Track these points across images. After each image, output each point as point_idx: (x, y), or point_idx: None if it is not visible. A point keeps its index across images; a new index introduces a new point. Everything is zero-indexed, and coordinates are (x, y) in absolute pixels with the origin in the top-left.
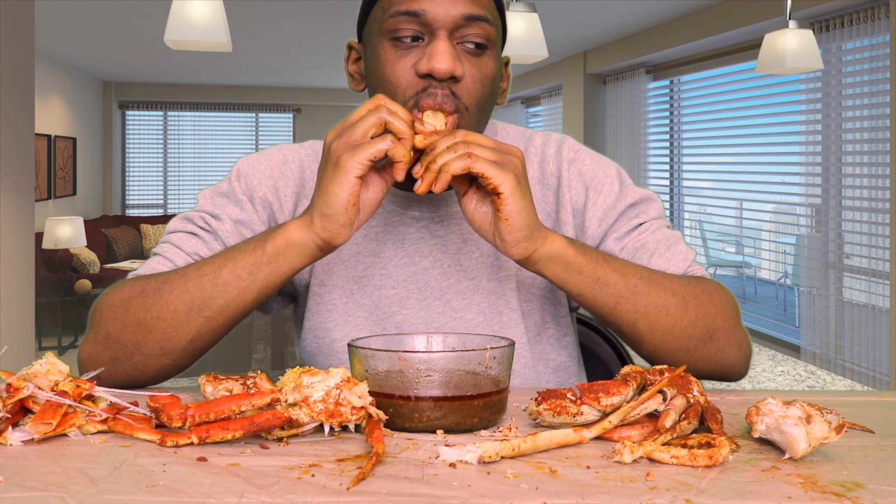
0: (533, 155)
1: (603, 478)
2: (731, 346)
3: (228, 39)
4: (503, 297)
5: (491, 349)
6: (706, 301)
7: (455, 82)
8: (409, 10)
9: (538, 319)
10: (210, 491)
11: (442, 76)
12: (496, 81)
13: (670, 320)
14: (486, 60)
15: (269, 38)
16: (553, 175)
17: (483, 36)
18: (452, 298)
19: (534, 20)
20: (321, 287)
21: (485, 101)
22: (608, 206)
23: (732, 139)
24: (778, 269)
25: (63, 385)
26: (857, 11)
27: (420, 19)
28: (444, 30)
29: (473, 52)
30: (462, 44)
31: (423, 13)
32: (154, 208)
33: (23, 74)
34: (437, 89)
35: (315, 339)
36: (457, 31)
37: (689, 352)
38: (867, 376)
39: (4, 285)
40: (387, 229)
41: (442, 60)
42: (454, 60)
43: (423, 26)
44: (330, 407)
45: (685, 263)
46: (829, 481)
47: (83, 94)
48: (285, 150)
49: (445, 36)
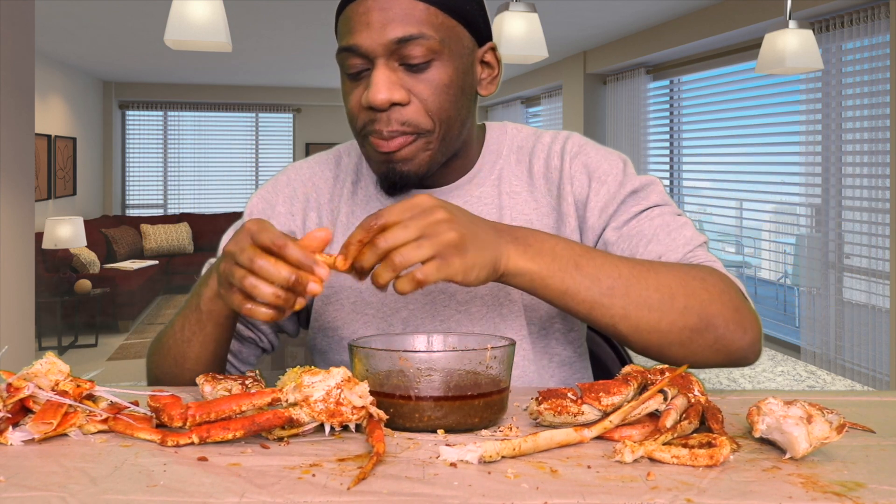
0: (540, 151)
1: (604, 477)
2: (733, 331)
3: (228, 39)
4: (505, 290)
5: (491, 349)
6: (698, 288)
7: (402, 107)
8: (346, 46)
9: (544, 314)
10: (211, 491)
11: (380, 108)
12: (456, 85)
13: (655, 316)
14: (435, 72)
15: (269, 38)
16: (556, 169)
17: (422, 53)
18: (457, 292)
19: (534, 20)
20: (329, 289)
21: (448, 110)
22: (609, 197)
23: (732, 139)
24: (778, 269)
25: (63, 385)
26: (857, 11)
27: (358, 52)
28: (381, 58)
29: (418, 68)
30: (404, 64)
31: (358, 47)
32: (154, 208)
33: (23, 74)
34: (379, 124)
35: (325, 339)
36: (393, 55)
37: (683, 345)
38: (867, 376)
39: (4, 285)
40: None
41: (376, 94)
42: (390, 89)
43: (363, 58)
44: (331, 406)
45: (685, 248)
46: (829, 481)
47: (83, 94)
48: (290, 170)
49: (383, 64)
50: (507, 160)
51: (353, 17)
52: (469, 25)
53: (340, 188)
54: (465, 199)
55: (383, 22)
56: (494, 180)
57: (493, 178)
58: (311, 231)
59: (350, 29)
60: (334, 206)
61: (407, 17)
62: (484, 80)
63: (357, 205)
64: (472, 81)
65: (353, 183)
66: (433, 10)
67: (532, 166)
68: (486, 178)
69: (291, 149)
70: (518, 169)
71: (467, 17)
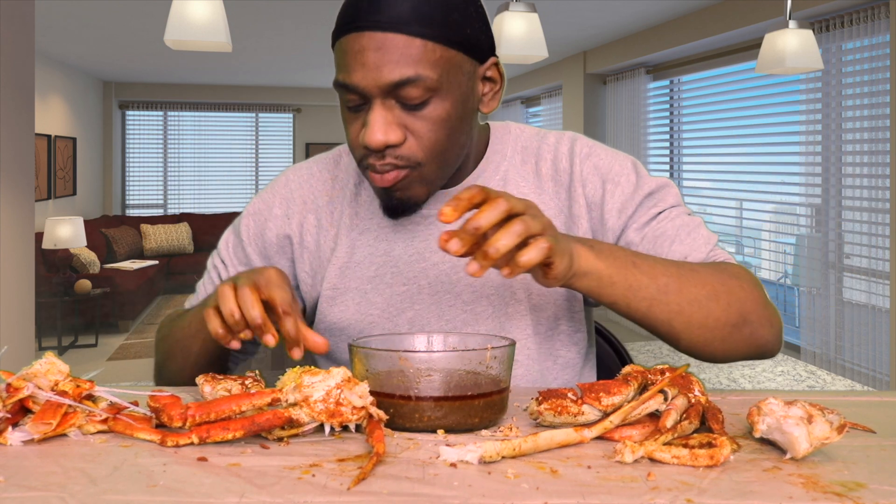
0: (546, 153)
1: (604, 478)
2: (764, 325)
3: (228, 39)
4: (511, 290)
5: (491, 349)
6: (736, 286)
7: (396, 147)
8: (343, 83)
9: (551, 315)
10: (210, 491)
11: (376, 150)
12: (455, 117)
13: (704, 312)
14: (432, 108)
15: (269, 38)
16: (565, 172)
17: (420, 94)
18: (462, 291)
19: (534, 20)
20: (334, 290)
21: (443, 143)
22: (626, 197)
23: (732, 139)
24: (778, 269)
25: (63, 385)
26: (857, 11)
27: (354, 90)
28: (377, 98)
29: (415, 107)
30: (401, 102)
31: (354, 86)
32: (154, 208)
33: (23, 74)
34: (374, 160)
35: (329, 338)
36: (389, 94)
37: (724, 340)
38: (867, 376)
39: (4, 285)
40: (396, 228)
41: (372, 136)
42: (386, 131)
43: (360, 95)
44: (330, 407)
45: (707, 248)
46: (830, 481)
47: (83, 94)
48: (289, 172)
49: (380, 104)
50: (513, 161)
51: (349, 52)
52: (470, 49)
53: (341, 189)
54: None
55: (378, 64)
56: (500, 181)
57: (499, 178)
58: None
59: (346, 65)
60: (334, 208)
61: (403, 59)
62: (486, 95)
63: (361, 206)
64: (473, 104)
65: (356, 185)
66: (430, 46)
67: (539, 167)
68: (490, 179)
69: (291, 149)
70: (524, 169)
71: (468, 42)
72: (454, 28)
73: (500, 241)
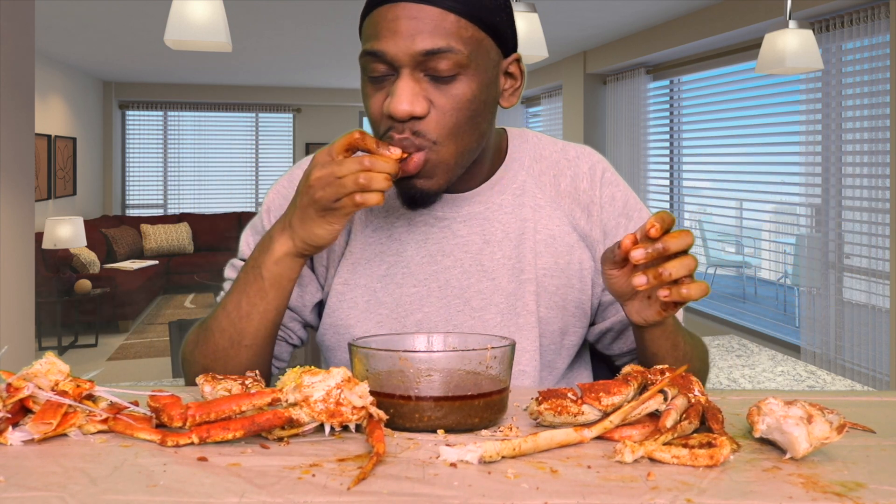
0: (566, 168)
1: (604, 477)
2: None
3: (228, 39)
4: (521, 300)
5: (492, 349)
6: (703, 353)
7: (419, 119)
8: (372, 51)
9: (559, 327)
10: (211, 491)
11: (400, 119)
12: (479, 100)
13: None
14: (459, 85)
15: (269, 38)
16: (585, 193)
17: (449, 67)
18: (472, 298)
19: (534, 20)
20: (345, 286)
21: (463, 125)
22: None
23: (732, 139)
24: (778, 269)
25: (63, 385)
26: (857, 11)
27: (383, 58)
28: (407, 67)
29: (443, 80)
30: (429, 75)
31: (384, 53)
32: (154, 208)
33: (23, 74)
34: (397, 132)
35: (335, 335)
36: (419, 65)
37: None
38: (867, 376)
39: (4, 285)
40: (410, 228)
41: (398, 104)
42: (413, 101)
43: (388, 64)
44: (330, 407)
45: None
46: (830, 481)
47: (83, 94)
48: (305, 162)
49: (408, 73)
50: (531, 171)
51: (381, 21)
52: (497, 37)
53: None
54: (485, 206)
55: (412, 32)
56: (516, 190)
57: (515, 187)
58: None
59: (377, 33)
60: None
61: (437, 29)
62: (507, 91)
63: None
64: (495, 94)
65: None
66: (463, 23)
67: (558, 182)
68: (507, 187)
69: (291, 149)
70: (542, 181)
71: (496, 28)
72: (486, 11)
73: (675, 268)
